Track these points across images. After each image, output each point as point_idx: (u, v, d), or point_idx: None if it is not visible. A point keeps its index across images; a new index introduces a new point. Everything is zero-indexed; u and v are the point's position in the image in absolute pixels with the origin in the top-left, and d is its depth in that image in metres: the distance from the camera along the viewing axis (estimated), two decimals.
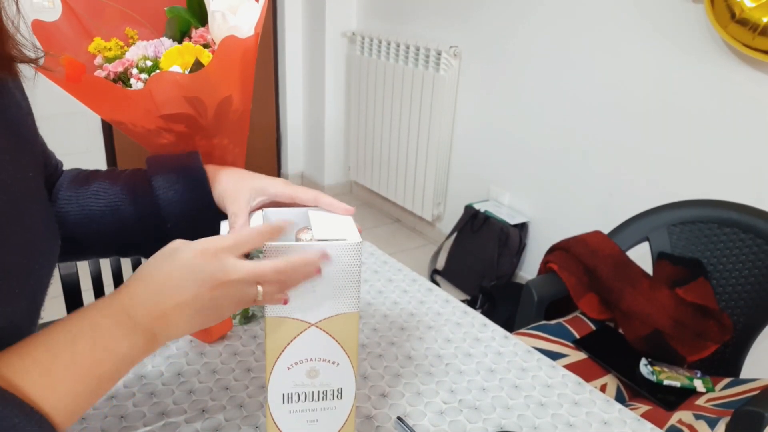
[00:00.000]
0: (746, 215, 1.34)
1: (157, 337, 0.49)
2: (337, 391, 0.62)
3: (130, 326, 0.47)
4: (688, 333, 1.29)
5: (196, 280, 0.48)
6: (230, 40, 0.63)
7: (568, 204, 2.30)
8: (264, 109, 3.42)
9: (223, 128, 0.72)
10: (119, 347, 0.47)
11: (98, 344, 0.46)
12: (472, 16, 2.51)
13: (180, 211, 0.64)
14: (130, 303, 0.48)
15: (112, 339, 0.47)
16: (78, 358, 0.45)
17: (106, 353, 0.46)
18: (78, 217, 0.66)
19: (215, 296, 0.49)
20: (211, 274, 0.49)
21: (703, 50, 1.76)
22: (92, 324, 0.47)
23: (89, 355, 0.45)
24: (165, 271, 0.49)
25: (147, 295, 0.49)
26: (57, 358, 0.44)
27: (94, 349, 0.46)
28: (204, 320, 0.51)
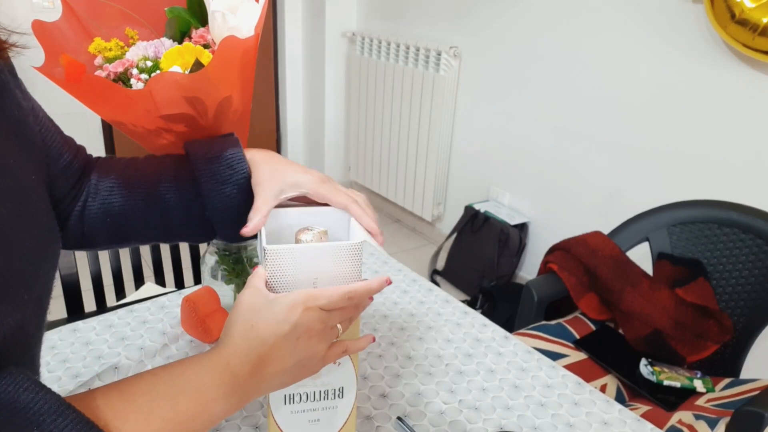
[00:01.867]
0: (746, 215, 1.34)
1: (249, 396, 0.50)
2: (339, 391, 0.62)
3: (230, 387, 0.48)
4: (688, 333, 1.29)
5: (294, 334, 0.50)
6: (230, 40, 0.63)
7: (568, 204, 2.30)
8: (264, 109, 3.42)
9: (223, 128, 0.72)
10: (216, 408, 0.48)
11: (198, 402, 0.47)
12: (472, 16, 2.51)
13: (222, 201, 0.65)
14: (234, 359, 0.49)
15: (212, 400, 0.47)
16: (176, 416, 0.46)
17: (202, 413, 0.47)
18: (125, 207, 0.66)
19: (310, 345, 0.51)
20: (307, 325, 0.51)
21: (703, 50, 1.76)
22: (196, 379, 0.47)
23: (187, 412, 0.46)
24: (264, 325, 0.50)
25: (251, 349, 0.49)
26: (158, 409, 0.45)
27: (192, 407, 0.46)
28: (295, 375, 0.52)
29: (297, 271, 0.55)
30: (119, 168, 0.69)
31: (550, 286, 1.41)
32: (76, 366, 0.81)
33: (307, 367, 0.53)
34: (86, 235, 0.67)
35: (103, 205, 0.66)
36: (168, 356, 0.83)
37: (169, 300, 0.97)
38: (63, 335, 0.88)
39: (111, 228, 0.67)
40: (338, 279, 0.57)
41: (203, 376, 0.48)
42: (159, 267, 1.37)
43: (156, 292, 1.33)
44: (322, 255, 0.55)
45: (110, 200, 0.66)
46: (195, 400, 0.47)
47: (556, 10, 2.16)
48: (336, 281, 0.57)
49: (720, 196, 1.46)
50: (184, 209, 0.66)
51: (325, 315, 0.52)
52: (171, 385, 0.47)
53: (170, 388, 0.46)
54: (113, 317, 0.92)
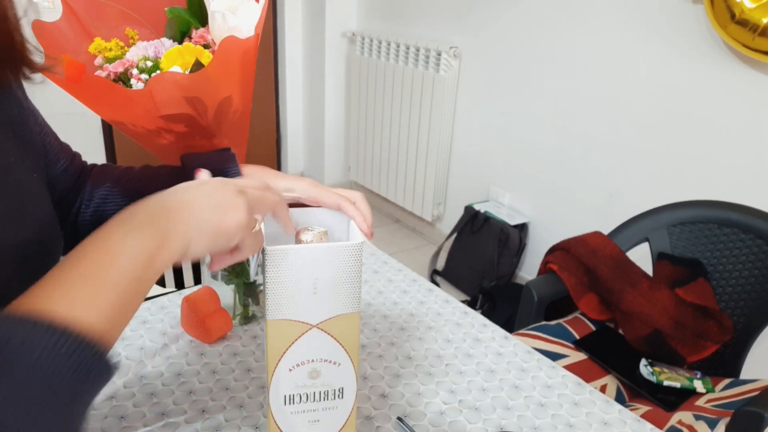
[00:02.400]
0: (746, 215, 1.34)
1: (169, 232, 0.46)
2: (339, 391, 0.62)
3: (132, 224, 0.45)
4: (688, 333, 1.29)
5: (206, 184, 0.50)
6: (230, 40, 0.63)
7: (568, 204, 2.30)
8: (264, 109, 3.42)
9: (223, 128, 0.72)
10: (124, 245, 0.43)
11: (103, 249, 0.43)
12: (473, 16, 2.51)
13: None
14: (134, 208, 0.46)
15: (116, 241, 0.44)
16: (89, 268, 0.42)
17: (114, 255, 0.43)
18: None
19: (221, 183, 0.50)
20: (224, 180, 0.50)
21: (703, 51, 1.76)
22: (96, 236, 0.44)
23: (98, 261, 0.43)
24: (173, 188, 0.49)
25: (152, 200, 0.47)
26: (70, 274, 0.42)
27: (100, 254, 0.43)
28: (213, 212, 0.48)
29: (297, 271, 0.55)
30: (114, 176, 0.69)
31: (550, 286, 1.41)
32: None
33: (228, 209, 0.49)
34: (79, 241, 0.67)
35: (96, 212, 0.66)
36: (168, 356, 0.83)
37: (169, 300, 0.97)
38: None
39: None
40: (339, 280, 0.57)
41: (103, 228, 0.45)
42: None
43: (156, 292, 1.33)
44: (322, 255, 0.55)
45: (104, 208, 0.66)
46: (99, 249, 0.43)
47: (556, 10, 2.16)
48: (336, 282, 0.57)
49: (720, 197, 1.46)
50: None
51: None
52: (75, 253, 0.43)
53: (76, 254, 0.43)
54: None
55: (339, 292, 0.57)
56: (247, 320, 0.91)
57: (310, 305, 0.57)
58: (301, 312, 0.57)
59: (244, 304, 0.91)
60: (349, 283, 0.57)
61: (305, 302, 0.57)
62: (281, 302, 0.56)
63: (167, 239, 0.45)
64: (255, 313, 0.92)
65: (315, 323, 0.58)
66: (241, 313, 0.91)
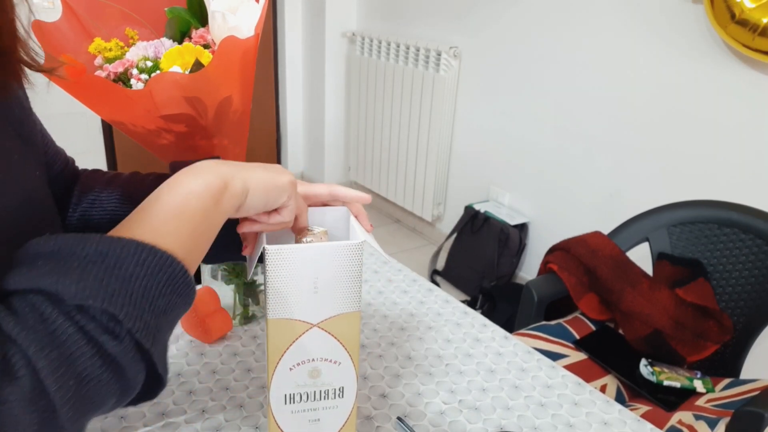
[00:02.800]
0: (746, 215, 1.34)
1: (231, 177, 0.50)
2: (339, 390, 0.62)
3: (196, 171, 0.49)
4: (688, 333, 1.29)
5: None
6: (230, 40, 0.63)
7: (568, 204, 2.30)
8: (264, 109, 3.42)
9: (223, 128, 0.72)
10: (193, 187, 0.48)
11: (175, 191, 0.47)
12: (473, 16, 2.51)
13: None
14: (195, 164, 0.50)
15: (186, 184, 0.48)
16: (166, 207, 0.46)
17: (185, 195, 0.47)
18: (103, 222, 0.66)
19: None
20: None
21: (703, 51, 1.76)
22: (167, 183, 0.48)
23: (172, 201, 0.46)
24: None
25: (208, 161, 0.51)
26: (149, 212, 0.45)
27: (173, 196, 0.47)
28: (265, 172, 0.54)
29: (298, 271, 0.55)
30: (102, 182, 0.69)
31: (550, 286, 1.41)
32: None
33: (277, 172, 0.55)
34: None
35: (83, 217, 0.67)
36: (168, 356, 0.83)
37: None
38: None
39: None
40: (339, 279, 0.57)
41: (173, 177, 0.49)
42: None
43: None
44: (322, 255, 0.55)
45: (90, 213, 0.67)
46: (174, 192, 0.47)
47: (556, 10, 2.16)
48: (337, 281, 0.57)
49: (720, 197, 1.46)
50: None
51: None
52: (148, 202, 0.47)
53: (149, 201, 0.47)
54: None
55: (339, 291, 0.57)
56: (247, 320, 0.91)
57: (311, 304, 0.57)
58: (302, 311, 0.57)
59: (244, 304, 0.91)
60: (349, 283, 0.57)
61: (306, 301, 0.57)
62: (282, 301, 0.56)
63: (229, 183, 0.50)
64: (255, 313, 0.92)
65: (315, 322, 0.58)
66: (241, 313, 0.91)
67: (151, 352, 0.41)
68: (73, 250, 0.39)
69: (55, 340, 0.36)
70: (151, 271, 0.41)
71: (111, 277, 0.39)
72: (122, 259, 0.40)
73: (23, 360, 0.35)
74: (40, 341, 0.36)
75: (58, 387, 0.36)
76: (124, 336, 0.39)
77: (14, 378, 0.35)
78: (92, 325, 0.38)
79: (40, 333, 0.36)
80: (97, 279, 0.38)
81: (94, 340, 0.38)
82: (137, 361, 0.40)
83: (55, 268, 0.38)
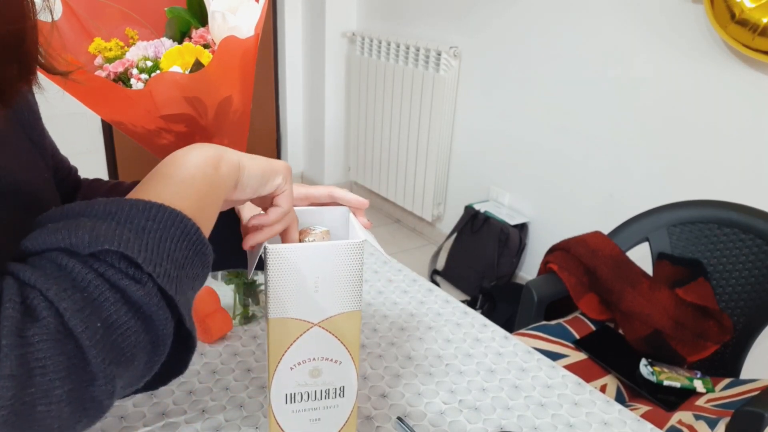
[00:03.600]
0: (746, 215, 1.34)
1: (224, 150, 0.50)
2: (340, 390, 0.62)
3: (189, 148, 0.49)
4: (688, 333, 1.29)
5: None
6: (230, 40, 0.63)
7: (568, 204, 2.30)
8: (264, 109, 3.42)
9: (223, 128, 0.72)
10: (189, 158, 0.47)
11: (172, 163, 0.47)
12: (472, 16, 2.51)
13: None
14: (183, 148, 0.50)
15: (180, 156, 0.47)
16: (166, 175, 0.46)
17: (183, 164, 0.47)
18: None
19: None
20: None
21: (703, 50, 1.76)
22: (162, 161, 0.48)
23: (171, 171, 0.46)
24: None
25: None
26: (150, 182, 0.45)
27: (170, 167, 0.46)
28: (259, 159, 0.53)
29: (299, 270, 0.55)
30: (103, 191, 0.69)
31: (550, 286, 1.41)
32: None
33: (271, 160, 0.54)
34: None
35: None
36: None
37: None
38: None
39: None
40: (340, 278, 0.57)
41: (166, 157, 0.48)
42: None
43: None
44: (323, 254, 0.55)
45: None
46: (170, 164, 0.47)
47: (556, 10, 2.16)
48: (338, 280, 0.57)
49: (720, 196, 1.46)
50: None
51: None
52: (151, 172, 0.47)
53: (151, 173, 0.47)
54: None
55: (340, 290, 0.57)
56: (247, 320, 0.91)
57: (312, 304, 0.57)
58: (303, 310, 0.57)
59: (244, 304, 0.91)
60: (350, 282, 0.57)
61: (306, 301, 0.57)
62: (283, 301, 0.56)
63: (224, 154, 0.50)
64: (255, 313, 0.92)
65: (316, 321, 0.58)
66: (241, 313, 0.91)
67: (177, 300, 0.39)
68: (82, 211, 0.39)
69: (77, 285, 0.35)
70: (163, 225, 0.40)
71: (124, 229, 0.38)
72: (133, 215, 0.39)
73: (45, 302, 0.34)
74: (61, 284, 0.35)
75: (85, 327, 0.34)
76: (146, 281, 0.38)
77: (37, 319, 0.33)
78: (112, 271, 0.37)
79: (60, 279, 0.35)
80: (111, 229, 0.37)
81: (116, 285, 0.37)
82: (163, 308, 0.39)
83: (65, 226, 0.37)
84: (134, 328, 0.37)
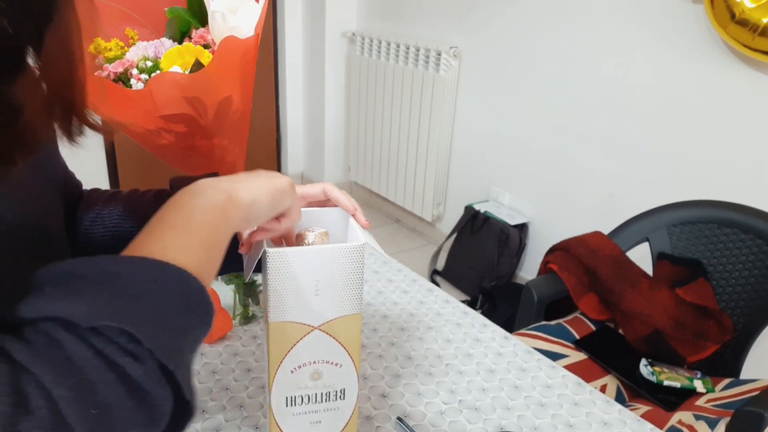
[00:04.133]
0: (746, 215, 1.34)
1: (233, 190, 0.49)
2: (340, 392, 0.62)
3: (196, 190, 0.48)
4: (688, 333, 1.29)
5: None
6: (230, 40, 0.63)
7: (568, 204, 2.30)
8: (264, 109, 3.41)
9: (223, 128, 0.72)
10: (196, 204, 0.46)
11: (179, 208, 0.46)
12: (472, 16, 2.51)
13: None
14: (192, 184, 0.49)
15: (187, 202, 0.46)
16: (171, 224, 0.44)
17: (190, 211, 0.46)
18: (105, 238, 0.66)
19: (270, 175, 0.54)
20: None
21: (703, 50, 1.76)
22: (168, 203, 0.47)
23: (176, 218, 0.45)
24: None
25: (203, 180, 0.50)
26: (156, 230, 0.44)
27: (177, 214, 0.45)
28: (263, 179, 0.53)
29: (299, 274, 0.55)
30: (102, 200, 0.69)
31: (550, 286, 1.41)
32: None
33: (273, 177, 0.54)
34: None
35: (85, 235, 0.67)
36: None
37: None
38: None
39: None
40: (340, 281, 0.56)
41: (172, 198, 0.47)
42: None
43: None
44: (324, 257, 0.55)
45: (92, 231, 0.66)
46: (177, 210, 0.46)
47: (556, 10, 2.16)
48: (338, 283, 0.56)
49: (720, 196, 1.46)
50: None
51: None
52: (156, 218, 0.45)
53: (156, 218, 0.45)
54: None
55: (340, 293, 0.57)
56: (247, 320, 0.91)
57: (312, 307, 0.57)
58: (303, 314, 0.57)
59: (244, 304, 0.91)
60: (350, 285, 0.57)
61: (307, 304, 0.56)
62: (283, 304, 0.56)
63: (233, 194, 0.49)
64: (255, 313, 0.92)
65: (317, 325, 0.58)
66: (241, 313, 0.91)
67: (176, 375, 0.38)
68: (82, 273, 0.37)
69: (73, 366, 0.34)
70: (165, 287, 0.39)
71: (124, 297, 0.37)
72: (133, 278, 0.38)
73: (39, 390, 0.32)
74: (57, 368, 0.33)
75: (80, 417, 0.33)
76: (146, 357, 0.36)
77: (31, 410, 0.32)
78: (111, 347, 0.35)
79: (56, 359, 0.33)
80: (110, 299, 0.36)
81: (114, 363, 0.35)
82: (162, 385, 0.37)
83: (63, 293, 0.36)
84: (132, 407, 0.36)
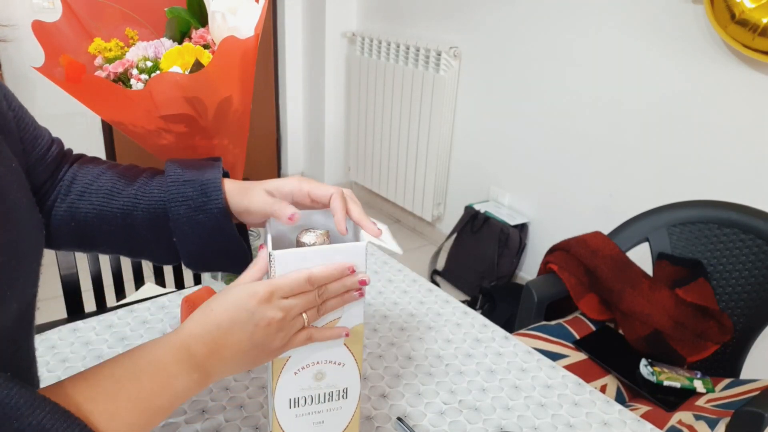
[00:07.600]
0: (746, 215, 1.34)
1: (211, 375, 0.51)
2: (343, 392, 0.62)
3: (188, 364, 0.50)
4: (688, 333, 1.29)
5: (251, 321, 0.51)
6: (230, 40, 0.63)
7: (568, 204, 2.30)
8: (264, 109, 3.42)
9: (223, 128, 0.72)
10: (177, 384, 0.49)
11: (159, 379, 0.48)
12: (472, 16, 2.51)
13: (189, 227, 0.63)
14: (190, 339, 0.50)
15: (171, 376, 0.49)
16: (140, 393, 0.47)
17: (165, 389, 0.48)
18: (90, 216, 0.65)
19: (268, 333, 0.52)
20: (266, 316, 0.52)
21: (702, 51, 1.76)
22: (155, 359, 0.49)
23: (151, 389, 0.47)
24: (221, 310, 0.52)
25: (206, 331, 0.51)
26: (122, 390, 0.46)
27: (155, 384, 0.48)
28: (255, 358, 0.53)
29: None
30: (97, 172, 0.67)
31: (550, 286, 1.41)
32: (75, 366, 0.81)
33: (266, 352, 0.53)
34: (51, 234, 0.66)
35: (70, 209, 0.65)
36: None
37: (169, 300, 0.97)
38: (63, 335, 0.88)
39: (75, 232, 0.65)
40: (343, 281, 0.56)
41: (162, 356, 0.49)
42: (159, 267, 1.37)
43: (156, 292, 1.32)
44: (328, 258, 0.55)
45: (78, 205, 0.65)
46: (156, 378, 0.48)
47: (556, 10, 2.16)
48: (341, 283, 0.56)
49: (720, 197, 1.46)
50: (152, 229, 0.64)
51: (286, 304, 0.52)
52: (133, 367, 0.48)
53: (132, 369, 0.48)
54: (113, 317, 0.92)
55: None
56: None
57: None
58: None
59: None
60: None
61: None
62: None
63: (209, 380, 0.52)
64: None
65: (320, 325, 0.58)
66: None
67: None
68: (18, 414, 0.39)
69: None
70: None
71: None
72: None
73: None
74: None
75: None
76: None
77: None
78: None
79: None
80: None
81: None
82: None
83: None
84: None
